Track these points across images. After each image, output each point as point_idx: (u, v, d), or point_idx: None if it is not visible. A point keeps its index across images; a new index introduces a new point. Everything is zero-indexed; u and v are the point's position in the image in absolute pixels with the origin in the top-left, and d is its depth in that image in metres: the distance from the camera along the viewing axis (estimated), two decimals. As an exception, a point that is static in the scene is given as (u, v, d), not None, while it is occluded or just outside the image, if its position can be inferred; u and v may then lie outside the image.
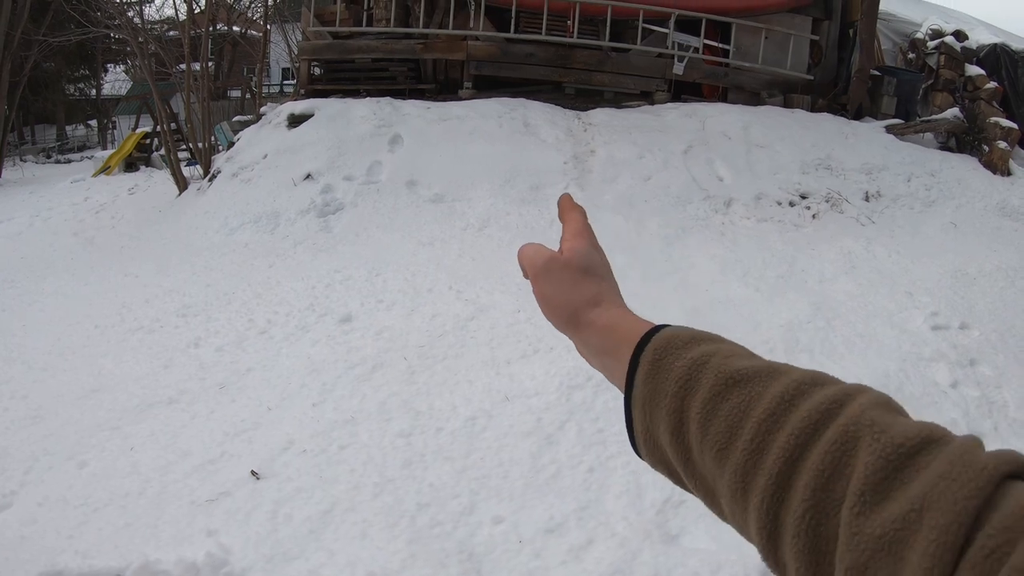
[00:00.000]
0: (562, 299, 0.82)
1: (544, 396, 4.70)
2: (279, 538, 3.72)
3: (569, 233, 0.86)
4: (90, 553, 3.75)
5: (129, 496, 4.16)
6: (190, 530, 3.82)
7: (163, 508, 4.03)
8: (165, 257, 8.00)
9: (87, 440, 4.77)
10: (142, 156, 18.46)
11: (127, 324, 6.35)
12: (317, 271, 6.91)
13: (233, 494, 4.03)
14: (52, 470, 4.53)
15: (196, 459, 4.36)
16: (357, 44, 10.92)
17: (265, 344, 5.75)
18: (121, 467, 4.43)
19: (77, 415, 5.10)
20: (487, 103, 9.72)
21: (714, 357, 0.66)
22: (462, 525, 3.77)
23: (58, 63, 27.47)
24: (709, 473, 0.62)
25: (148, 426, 4.80)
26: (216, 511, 3.93)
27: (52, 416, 5.16)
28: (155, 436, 4.68)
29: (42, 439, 4.86)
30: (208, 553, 3.60)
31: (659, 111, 10.08)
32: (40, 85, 26.79)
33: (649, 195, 8.21)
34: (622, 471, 4.15)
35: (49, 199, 14.93)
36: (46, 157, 25.67)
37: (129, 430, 4.80)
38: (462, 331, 5.61)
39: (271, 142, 9.58)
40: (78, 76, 31.87)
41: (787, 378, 0.60)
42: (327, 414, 4.65)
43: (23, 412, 5.25)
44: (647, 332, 0.72)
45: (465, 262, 6.90)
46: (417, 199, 8.19)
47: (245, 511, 3.90)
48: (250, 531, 3.77)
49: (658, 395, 0.67)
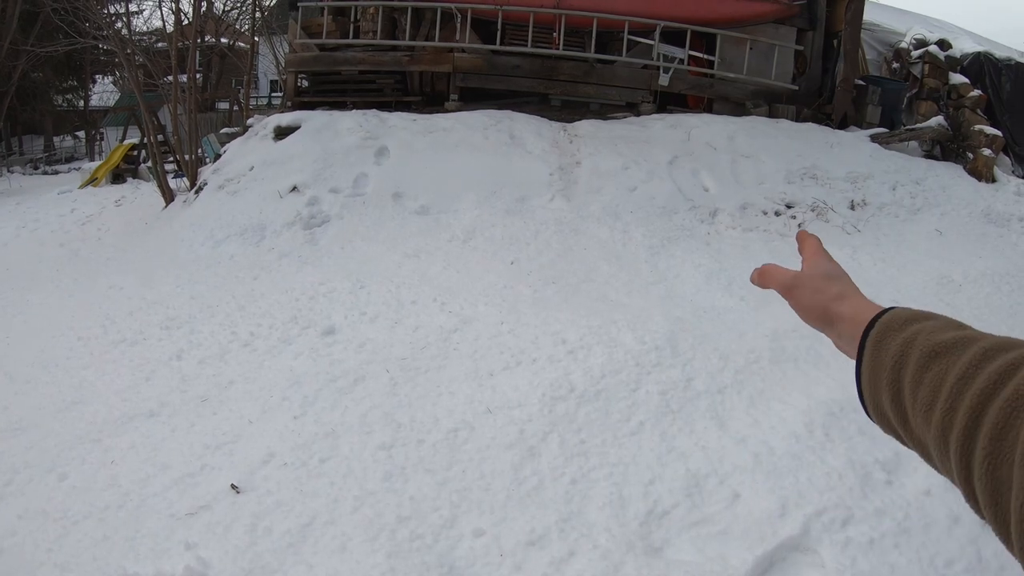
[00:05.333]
0: (814, 302, 0.98)
1: (526, 408, 4.69)
2: (258, 551, 3.70)
3: (808, 253, 1.05)
4: (69, 566, 3.74)
5: (108, 509, 4.14)
6: (168, 543, 3.80)
7: (142, 521, 4.00)
8: (150, 269, 7.96)
9: (67, 452, 4.74)
10: (129, 168, 18.38)
11: (110, 336, 6.31)
12: (301, 283, 6.89)
13: (213, 507, 4.01)
14: (32, 482, 4.50)
15: (176, 472, 4.34)
16: (344, 56, 10.93)
17: (248, 357, 5.72)
18: (101, 480, 4.41)
19: (58, 427, 5.07)
20: (473, 115, 9.72)
21: (920, 334, 0.77)
22: (443, 538, 3.76)
23: (46, 74, 27.37)
24: (921, 432, 0.74)
25: (129, 439, 4.77)
26: (195, 524, 3.90)
27: (33, 428, 5.12)
28: (135, 449, 4.65)
29: (23, 451, 4.83)
30: (187, 567, 3.59)
31: (645, 122, 10.10)
32: (28, 95, 26.65)
33: (634, 205, 8.23)
34: (605, 483, 4.14)
35: (36, 210, 14.85)
36: (33, 168, 25.51)
37: (110, 443, 4.77)
38: (445, 343, 5.59)
39: (257, 154, 9.56)
40: (66, 87, 31.68)
41: (977, 346, 0.71)
42: (308, 427, 4.63)
43: (4, 424, 5.22)
44: (874, 316, 0.86)
45: (450, 274, 6.88)
46: (403, 211, 8.18)
47: (224, 524, 3.88)
48: (229, 544, 3.75)
49: (879, 370, 0.80)
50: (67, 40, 16.19)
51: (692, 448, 4.41)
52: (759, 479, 4.15)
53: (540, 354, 5.26)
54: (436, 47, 10.55)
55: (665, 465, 4.28)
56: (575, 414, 4.67)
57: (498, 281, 6.65)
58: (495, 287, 6.50)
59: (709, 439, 4.49)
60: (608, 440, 4.47)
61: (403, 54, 10.72)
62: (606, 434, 4.51)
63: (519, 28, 10.39)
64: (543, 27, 10.41)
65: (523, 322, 5.79)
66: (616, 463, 4.29)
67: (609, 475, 4.20)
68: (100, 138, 28.74)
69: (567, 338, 5.45)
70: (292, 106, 10.97)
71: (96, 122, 29.90)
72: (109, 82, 33.19)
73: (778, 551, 3.69)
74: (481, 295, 6.32)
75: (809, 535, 3.77)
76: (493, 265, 7.01)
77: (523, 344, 5.43)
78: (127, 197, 13.82)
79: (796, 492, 4.03)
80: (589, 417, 4.65)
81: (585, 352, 5.28)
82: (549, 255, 7.25)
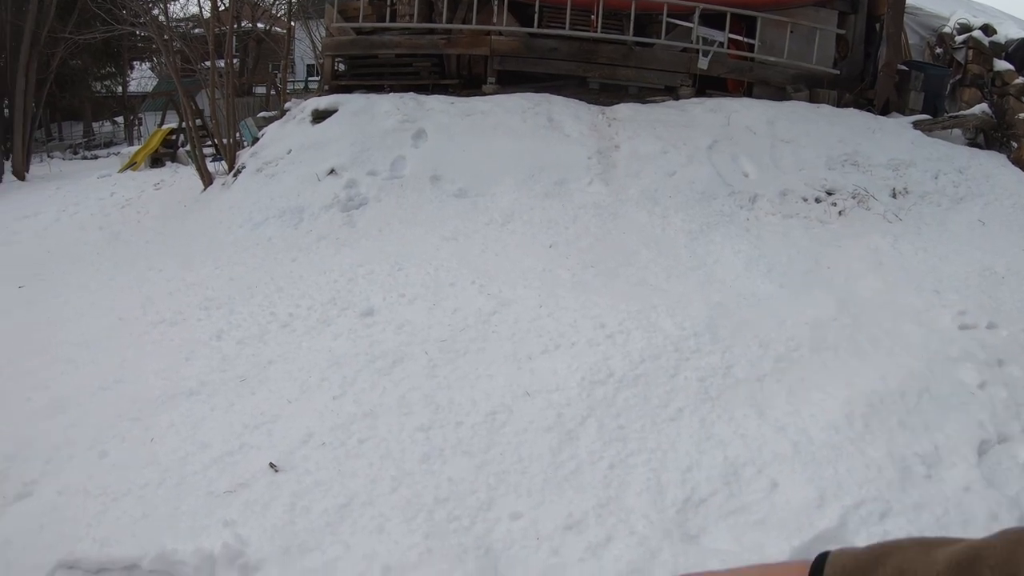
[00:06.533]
0: None
1: (565, 391, 4.67)
2: (296, 530, 3.72)
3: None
4: (108, 542, 3.78)
5: (148, 486, 4.18)
6: (207, 521, 3.83)
7: (181, 499, 4.04)
8: (189, 251, 8.03)
9: (108, 431, 4.80)
10: (168, 152, 18.60)
11: (150, 317, 6.38)
12: (340, 265, 6.90)
13: (251, 486, 4.03)
14: (73, 460, 4.56)
15: (215, 451, 4.37)
16: (381, 40, 10.91)
17: (287, 337, 5.75)
18: (141, 458, 4.45)
19: (99, 406, 5.13)
20: (511, 98, 9.67)
21: None
22: (480, 520, 3.75)
23: (84, 61, 27.69)
24: None
25: (168, 417, 4.82)
26: (234, 502, 3.93)
27: (74, 407, 5.18)
28: (175, 427, 4.70)
29: (64, 429, 4.89)
30: (225, 544, 3.61)
31: (684, 106, 9.99)
32: (67, 82, 27.03)
33: (673, 190, 8.13)
34: (643, 468, 4.11)
35: (76, 194, 15.05)
36: (73, 153, 25.94)
37: (149, 421, 4.82)
38: (484, 325, 5.58)
39: (295, 137, 9.60)
40: (104, 73, 32.14)
41: None
42: (347, 407, 4.64)
43: (45, 402, 5.29)
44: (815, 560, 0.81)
45: (488, 257, 6.86)
46: (441, 194, 8.17)
47: (263, 503, 3.91)
48: (267, 523, 3.77)
49: None
50: (105, 27, 16.32)
51: (731, 436, 4.37)
52: (797, 469, 4.10)
53: (579, 338, 5.23)
54: (473, 30, 10.49)
55: (703, 452, 4.24)
56: (614, 398, 4.64)
57: (537, 264, 6.61)
58: (534, 270, 6.46)
59: (748, 427, 4.44)
60: (647, 425, 4.44)
61: (440, 37, 10.67)
62: (645, 419, 4.48)
63: (557, 11, 10.29)
64: (581, 9, 10.30)
65: (562, 305, 5.75)
66: (654, 449, 4.25)
67: (647, 461, 4.16)
68: (138, 123, 29.12)
69: (606, 322, 5.41)
70: (329, 89, 10.98)
71: (134, 107, 30.30)
72: (147, 68, 33.58)
73: (815, 543, 3.64)
74: (520, 278, 6.29)
75: (847, 527, 3.72)
76: (531, 248, 6.96)
77: (562, 328, 5.40)
78: (166, 181, 13.94)
79: (835, 483, 3.98)
80: (628, 402, 4.61)
81: (624, 337, 5.24)
82: (588, 239, 7.20)
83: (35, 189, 17.82)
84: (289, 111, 11.01)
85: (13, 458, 4.63)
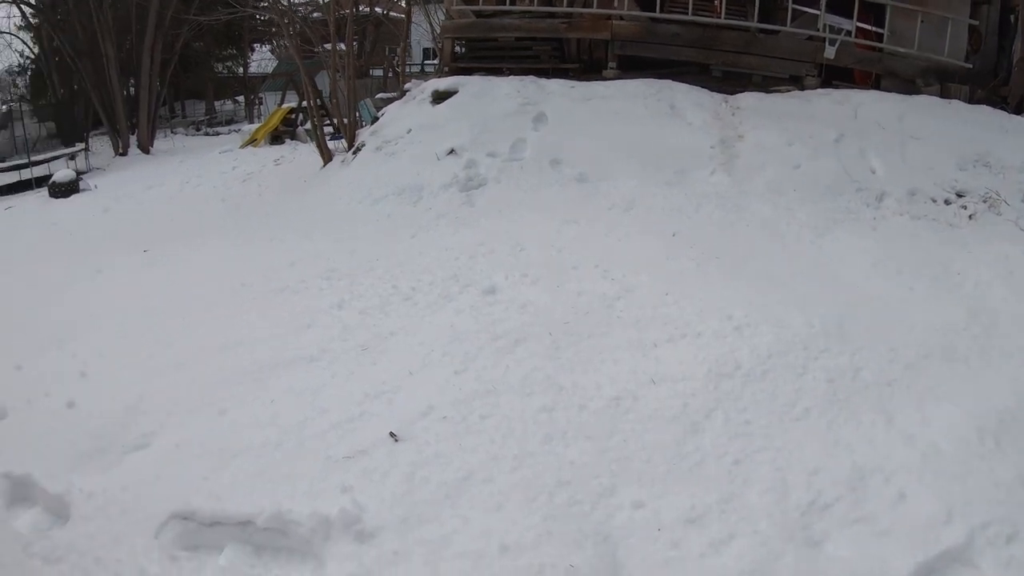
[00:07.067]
0: None
1: (691, 382, 4.54)
2: (414, 500, 3.72)
3: None
4: (223, 497, 3.86)
5: (266, 446, 4.26)
6: (325, 485, 3.86)
7: (299, 461, 4.09)
8: (309, 224, 8.21)
9: (228, 390, 4.92)
10: (287, 130, 19.15)
11: (272, 284, 6.52)
12: (460, 243, 6.93)
13: (370, 453, 4.05)
14: (192, 415, 4.69)
15: (334, 416, 4.42)
16: (500, 23, 10.89)
17: (409, 310, 5.80)
18: (260, 418, 4.54)
19: (219, 365, 5.27)
20: (632, 84, 9.51)
21: None
22: (601, 506, 3.68)
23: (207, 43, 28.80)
24: None
25: (288, 381, 4.91)
26: (352, 468, 3.96)
27: (195, 364, 5.35)
28: (295, 391, 4.78)
29: (184, 386, 5.05)
30: (342, 509, 3.63)
31: (809, 97, 9.61)
32: (190, 63, 28.15)
33: (798, 184, 7.86)
34: (768, 466, 3.97)
35: (198, 168, 15.65)
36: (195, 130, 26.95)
37: (270, 383, 4.93)
38: (608, 310, 5.49)
39: (415, 117, 9.70)
40: (226, 55, 33.51)
41: None
42: (469, 383, 4.64)
43: (168, 359, 5.47)
44: None
45: (611, 242, 6.76)
46: (561, 177, 8.11)
47: (382, 471, 3.92)
48: (385, 491, 3.78)
49: None
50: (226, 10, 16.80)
51: (858, 441, 4.17)
52: (926, 481, 3.87)
53: (705, 328, 5.09)
54: (594, 14, 10.35)
55: (830, 456, 4.06)
56: (740, 392, 4.49)
57: (660, 252, 6.48)
58: (657, 258, 6.33)
59: (876, 433, 4.23)
60: (773, 423, 4.28)
61: (560, 21, 10.57)
62: (771, 417, 4.33)
63: (679, -5, 10.06)
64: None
65: (687, 294, 5.61)
66: (780, 448, 4.10)
67: (772, 460, 4.01)
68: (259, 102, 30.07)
69: (733, 314, 5.24)
70: (449, 71, 11.03)
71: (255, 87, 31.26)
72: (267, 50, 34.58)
73: (939, 560, 3.44)
74: (644, 265, 6.16)
75: (972, 547, 3.50)
76: (654, 235, 6.82)
77: (687, 317, 5.27)
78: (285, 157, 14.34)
79: (963, 500, 3.73)
80: (755, 397, 4.46)
81: (751, 330, 5.06)
82: (711, 229, 7.02)
83: (159, 162, 18.62)
84: (409, 92, 11.12)
85: (134, 409, 4.81)
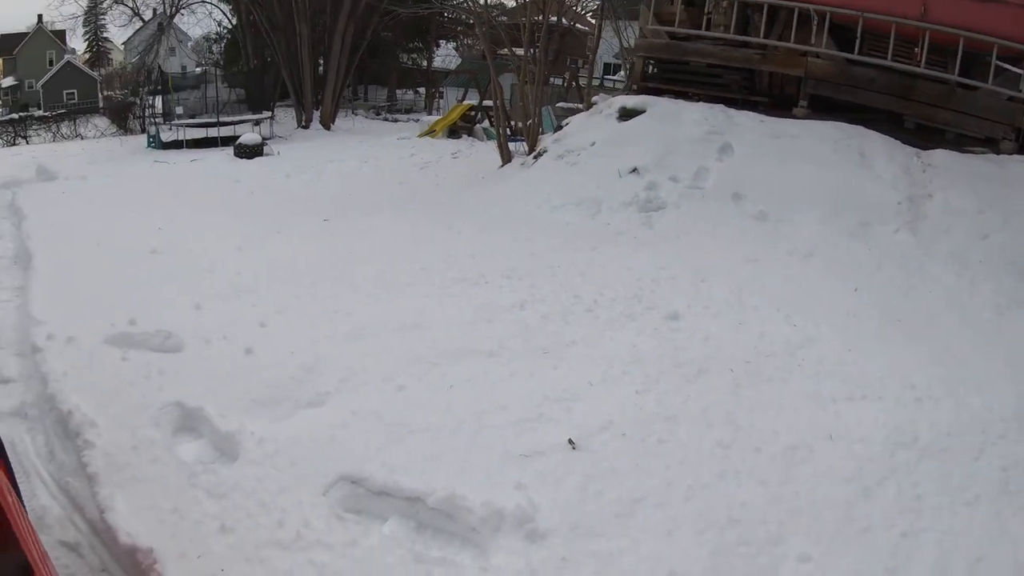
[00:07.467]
0: None
1: (868, 445, 4.42)
2: (586, 511, 3.78)
3: None
4: (397, 469, 4.01)
5: (443, 430, 4.41)
6: (500, 478, 3.96)
7: (475, 450, 4.22)
8: (486, 220, 8.42)
9: (405, 368, 5.13)
10: (466, 126, 19.70)
11: (452, 273, 6.75)
12: (640, 264, 6.98)
13: (547, 456, 4.14)
14: (367, 386, 4.92)
15: (513, 414, 4.54)
16: (694, 47, 10.87)
17: (590, 322, 5.89)
18: (437, 401, 4.71)
19: (397, 343, 5.50)
20: (822, 125, 9.30)
21: None
22: (767, 552, 3.63)
23: (395, 34, 29.89)
24: None
25: (467, 371, 5.08)
26: (529, 467, 4.06)
27: (372, 338, 5.60)
28: (473, 382, 4.94)
29: (360, 356, 5.29)
30: (518, 505, 3.72)
31: (1004, 162, 9.05)
32: (377, 51, 29.38)
33: (985, 254, 7.46)
34: (933, 547, 3.81)
35: (377, 150, 16.26)
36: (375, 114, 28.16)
37: (447, 369, 5.11)
38: (790, 356, 5.42)
39: (600, 131, 9.80)
40: (412, 47, 34.78)
41: None
42: (649, 405, 4.67)
43: (346, 328, 5.76)
44: None
45: (791, 287, 6.67)
46: (741, 213, 8.05)
47: (557, 476, 4.00)
48: (559, 496, 3.85)
49: None
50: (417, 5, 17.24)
51: (1024, 537, 3.95)
52: None
53: (886, 393, 4.95)
54: (789, 48, 10.17)
55: (996, 546, 3.85)
56: (915, 466, 4.33)
57: (842, 306, 6.33)
58: (838, 311, 6.18)
59: (1044, 531, 4.00)
60: (944, 504, 4.11)
61: (754, 52, 10.46)
62: (943, 497, 4.15)
63: (878, 39, 9.69)
64: (905, 40, 9.62)
65: (869, 354, 5.47)
66: (947, 531, 3.93)
67: (939, 541, 3.85)
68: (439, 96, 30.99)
69: (915, 383, 5.06)
70: (637, 90, 11.08)
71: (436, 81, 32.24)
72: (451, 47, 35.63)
73: None
74: (824, 316, 6.06)
75: None
76: (835, 288, 6.68)
77: (868, 378, 5.13)
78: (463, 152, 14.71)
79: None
80: (928, 474, 4.29)
81: (933, 404, 4.87)
82: (892, 291, 6.78)
83: (340, 139, 19.46)
84: (596, 105, 11.21)
85: (311, 369, 5.09)
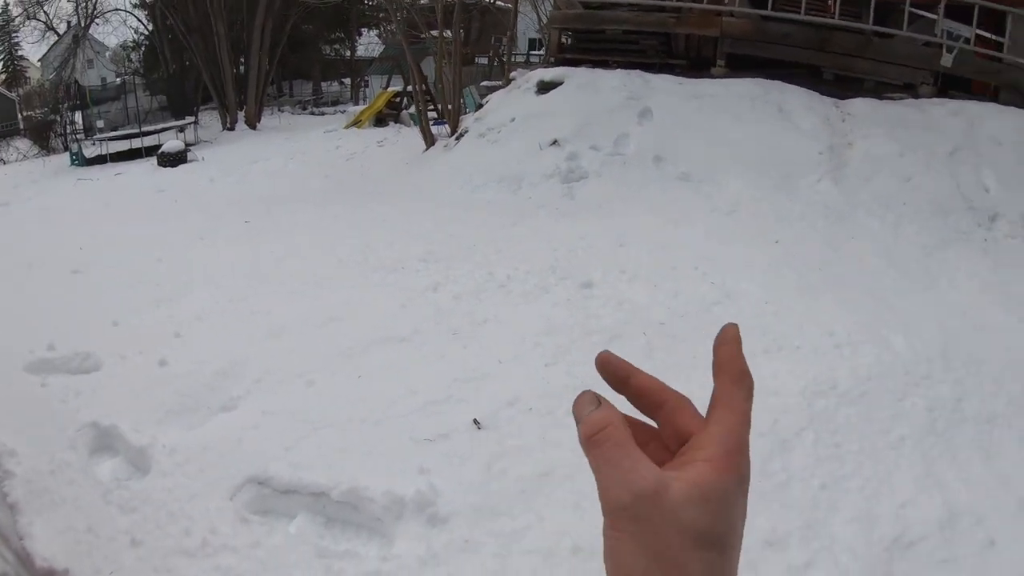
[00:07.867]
0: None
1: (784, 397, 4.37)
2: (490, 491, 3.70)
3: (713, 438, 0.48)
4: (301, 466, 3.92)
5: (351, 422, 4.32)
6: (403, 465, 3.87)
7: (381, 439, 4.13)
8: (410, 205, 8.33)
9: (319, 363, 5.01)
10: (392, 113, 19.50)
11: (370, 263, 6.65)
12: (560, 235, 6.92)
13: (452, 438, 4.06)
14: (282, 384, 4.81)
15: (421, 398, 4.44)
16: (609, 15, 10.81)
17: (503, 298, 5.81)
18: (347, 393, 4.61)
19: (314, 338, 5.39)
20: (740, 83, 9.30)
21: None
22: (682, 516, 3.57)
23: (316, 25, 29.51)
24: None
25: (379, 359, 4.97)
26: (432, 451, 3.96)
27: (290, 335, 5.48)
28: (384, 369, 4.83)
29: (277, 355, 5.17)
30: (418, 491, 3.63)
31: (923, 106, 9.14)
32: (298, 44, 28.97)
33: (908, 198, 7.52)
34: (856, 495, 3.79)
35: (303, 145, 16.04)
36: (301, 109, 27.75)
37: (360, 360, 5.00)
38: (705, 314, 5.36)
39: (519, 106, 9.72)
40: (334, 38, 34.36)
41: None
42: (559, 377, 4.58)
43: (263, 328, 5.63)
44: None
45: (712, 244, 6.63)
46: (663, 175, 8.01)
47: (461, 457, 3.92)
48: (463, 478, 3.77)
49: None
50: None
51: (952, 478, 3.94)
52: (1019, 528, 3.63)
53: (804, 342, 4.92)
54: (704, 9, 10.15)
55: (921, 490, 3.84)
56: (834, 413, 4.30)
57: (762, 259, 6.32)
58: (758, 265, 6.17)
59: (972, 472, 3.99)
60: (865, 449, 4.09)
61: (669, 15, 10.40)
62: (864, 442, 4.13)
63: (792, -7, 9.75)
64: None
65: (787, 306, 5.45)
66: (870, 476, 3.91)
67: (861, 488, 3.83)
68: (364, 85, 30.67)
69: (834, 330, 5.05)
70: (555, 62, 10.99)
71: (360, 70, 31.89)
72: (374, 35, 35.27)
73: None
74: (744, 271, 6.03)
75: None
76: (756, 242, 6.66)
77: (786, 329, 5.09)
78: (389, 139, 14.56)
79: (1057, 556, 3.51)
80: (849, 420, 4.27)
81: (852, 349, 4.86)
82: (815, 239, 6.81)
83: (266, 138, 19.18)
84: (514, 80, 11.11)
85: (226, 374, 4.95)
